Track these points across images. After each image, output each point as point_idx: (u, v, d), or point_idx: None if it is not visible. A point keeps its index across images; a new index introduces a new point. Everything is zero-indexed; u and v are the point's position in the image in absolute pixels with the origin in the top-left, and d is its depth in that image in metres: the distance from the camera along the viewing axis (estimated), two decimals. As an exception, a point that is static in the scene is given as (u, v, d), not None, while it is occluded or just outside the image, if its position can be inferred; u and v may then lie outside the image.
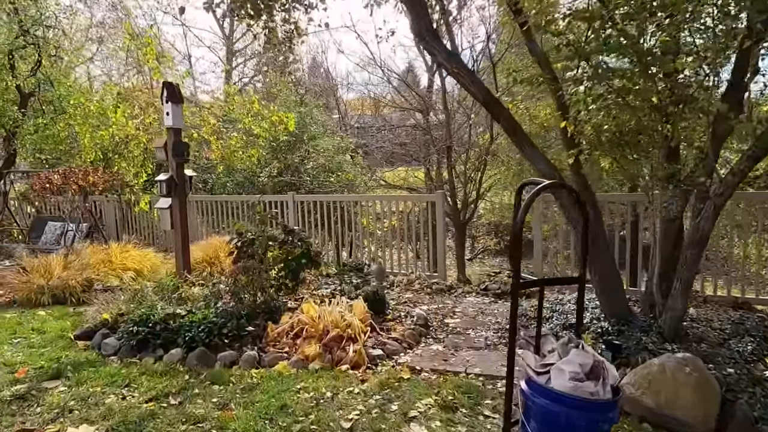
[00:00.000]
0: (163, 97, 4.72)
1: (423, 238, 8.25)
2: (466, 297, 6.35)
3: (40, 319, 4.77)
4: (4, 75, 9.43)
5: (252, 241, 4.96)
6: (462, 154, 11.38)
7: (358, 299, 4.51)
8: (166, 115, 4.74)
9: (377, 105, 21.50)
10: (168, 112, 4.72)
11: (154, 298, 4.32)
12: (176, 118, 4.77)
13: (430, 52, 3.66)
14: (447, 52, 3.59)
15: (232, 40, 23.72)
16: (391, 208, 8.29)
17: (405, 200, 8.33)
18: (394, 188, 15.29)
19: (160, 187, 4.77)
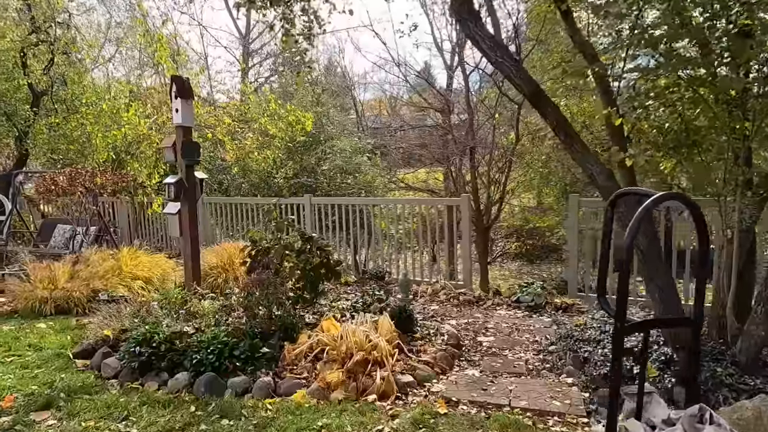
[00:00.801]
0: (172, 93, 4.33)
1: (447, 244, 7.79)
2: (497, 310, 5.87)
3: (39, 332, 4.42)
4: (16, 73, 9.19)
5: (267, 249, 4.54)
6: (485, 155, 10.89)
7: (383, 316, 4.05)
8: (174, 111, 4.35)
9: (393, 105, 21.09)
10: (177, 108, 4.33)
11: (159, 313, 3.92)
12: (186, 116, 4.38)
13: (471, 38, 3.21)
14: (491, 38, 3.14)
15: (249, 39, 23.51)
16: (413, 212, 7.82)
17: (428, 204, 7.86)
18: (414, 190, 14.83)
19: (168, 190, 4.38)
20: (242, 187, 12.74)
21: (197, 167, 4.57)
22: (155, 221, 9.37)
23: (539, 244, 15.24)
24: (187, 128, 4.47)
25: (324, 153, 13.61)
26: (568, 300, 5.88)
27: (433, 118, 17.04)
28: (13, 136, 9.82)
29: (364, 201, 8.50)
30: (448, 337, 4.39)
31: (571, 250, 6.35)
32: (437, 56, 19.42)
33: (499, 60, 3.16)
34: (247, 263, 4.57)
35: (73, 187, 5.94)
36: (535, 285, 6.25)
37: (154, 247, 8.81)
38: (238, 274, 6.34)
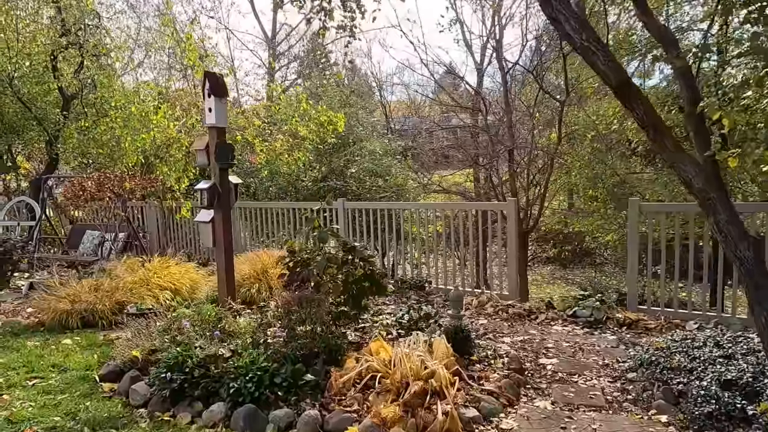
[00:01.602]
0: (205, 90, 3.98)
1: (475, 250, 7.29)
2: (552, 325, 5.36)
3: (64, 350, 4.11)
4: (47, 77, 9.08)
5: (307, 261, 4.14)
6: (524, 156, 10.33)
7: (440, 338, 3.60)
8: (207, 111, 4.00)
9: (419, 106, 20.62)
10: (210, 107, 3.97)
11: (191, 333, 3.56)
12: (220, 115, 4.02)
13: (553, 19, 2.75)
14: (576, 18, 2.67)
15: (275, 42, 23.40)
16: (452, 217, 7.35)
17: (472, 208, 7.34)
18: (445, 193, 14.33)
19: (200, 196, 4.03)
20: (269, 190, 12.47)
21: (231, 171, 4.21)
22: (184, 225, 9.12)
23: (577, 248, 14.57)
24: (221, 129, 4.11)
25: (353, 155, 13.24)
26: (632, 315, 5.32)
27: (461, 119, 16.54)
28: (44, 140, 9.73)
29: (401, 206, 8.07)
30: (509, 360, 3.91)
31: (630, 259, 5.79)
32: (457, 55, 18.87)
33: (584, 44, 2.69)
34: (285, 275, 4.18)
35: (101, 193, 5.67)
36: (593, 297, 5.71)
37: (183, 252, 8.56)
38: (273, 284, 5.98)
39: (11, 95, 8.59)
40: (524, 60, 10.28)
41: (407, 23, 28.99)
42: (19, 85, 8.69)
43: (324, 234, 3.83)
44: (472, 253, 7.16)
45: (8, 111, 9.08)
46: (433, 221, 7.21)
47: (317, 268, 3.74)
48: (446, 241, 7.41)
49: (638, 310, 5.53)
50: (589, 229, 13.01)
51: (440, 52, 21.09)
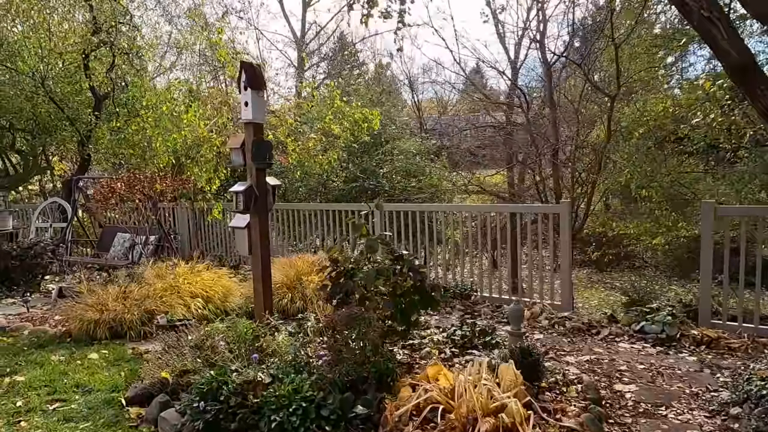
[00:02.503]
0: (241, 83, 3.60)
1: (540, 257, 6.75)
2: (618, 342, 4.81)
3: (90, 366, 3.80)
4: (79, 76, 8.95)
5: (351, 272, 3.72)
6: (569, 155, 9.71)
7: (508, 363, 3.11)
8: (243, 105, 3.62)
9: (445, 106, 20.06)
10: (247, 101, 3.59)
11: (226, 353, 3.18)
12: (257, 110, 3.63)
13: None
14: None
15: (304, 42, 23.21)
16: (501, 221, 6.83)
17: (521, 211, 6.73)
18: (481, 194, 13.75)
19: (235, 199, 3.65)
20: (299, 191, 12.15)
21: (269, 171, 3.83)
22: (214, 227, 8.87)
23: (621, 252, 13.81)
24: (258, 125, 3.72)
25: (386, 154, 12.82)
26: (710, 332, 4.72)
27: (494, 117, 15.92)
28: (76, 141, 9.63)
29: (444, 208, 7.56)
30: (584, 388, 3.40)
31: (703, 268, 5.19)
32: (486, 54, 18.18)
33: (703, 14, 2.19)
34: (327, 287, 3.76)
35: (131, 194, 5.39)
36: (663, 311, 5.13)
37: (212, 255, 8.29)
38: (308, 293, 5.60)
39: (44, 95, 8.49)
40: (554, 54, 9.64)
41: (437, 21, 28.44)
42: (52, 85, 8.58)
43: (374, 242, 3.40)
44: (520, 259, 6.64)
45: (41, 111, 8.99)
46: (477, 224, 6.72)
47: (365, 280, 3.32)
48: (491, 245, 6.90)
49: (712, 325, 4.94)
50: (635, 232, 12.27)
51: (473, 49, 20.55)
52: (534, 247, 6.48)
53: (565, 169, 9.62)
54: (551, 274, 6.73)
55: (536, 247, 6.43)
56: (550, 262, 6.70)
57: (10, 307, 6.19)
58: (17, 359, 3.96)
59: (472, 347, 4.08)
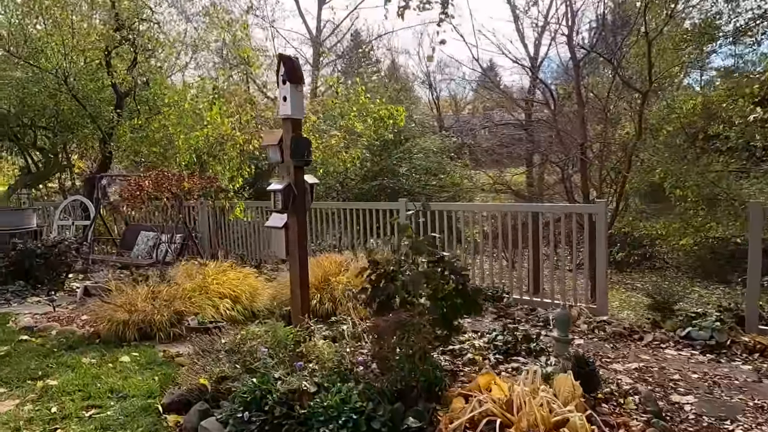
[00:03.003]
0: (279, 76, 3.46)
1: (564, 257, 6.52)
2: (664, 349, 4.60)
3: (122, 369, 3.68)
4: (101, 73, 8.90)
5: (392, 274, 3.56)
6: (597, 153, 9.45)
7: (566, 374, 2.93)
8: (282, 100, 3.47)
9: (459, 104, 19.83)
10: (285, 95, 3.45)
11: (266, 358, 3.03)
12: (296, 105, 3.49)
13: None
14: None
15: (320, 40, 23.10)
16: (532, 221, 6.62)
17: (555, 212, 6.50)
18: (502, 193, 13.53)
19: (273, 198, 3.51)
20: (317, 189, 12.01)
21: (307, 169, 3.68)
22: (235, 224, 8.78)
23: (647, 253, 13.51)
24: (296, 121, 3.58)
25: (405, 152, 12.64)
26: (763, 339, 4.49)
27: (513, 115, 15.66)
28: (98, 138, 9.59)
29: (474, 207, 7.35)
30: (643, 400, 3.21)
31: (751, 271, 4.95)
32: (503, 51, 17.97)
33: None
34: (367, 290, 3.61)
35: (160, 192, 5.29)
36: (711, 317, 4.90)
37: (234, 254, 8.19)
38: (336, 294, 5.44)
39: (66, 92, 8.44)
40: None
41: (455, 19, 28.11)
42: (74, 83, 8.54)
43: (420, 244, 3.23)
44: (552, 260, 6.43)
45: (63, 109, 8.96)
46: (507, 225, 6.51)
47: (411, 284, 3.15)
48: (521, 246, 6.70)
49: (760, 331, 4.71)
50: (663, 233, 11.97)
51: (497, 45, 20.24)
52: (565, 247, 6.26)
53: (592, 167, 9.36)
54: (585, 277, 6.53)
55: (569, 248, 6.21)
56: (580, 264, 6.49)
57: (36, 306, 6.13)
58: (48, 361, 3.86)
59: (516, 354, 3.90)
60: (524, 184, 14.50)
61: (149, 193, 5.30)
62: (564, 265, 6.65)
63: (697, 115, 10.44)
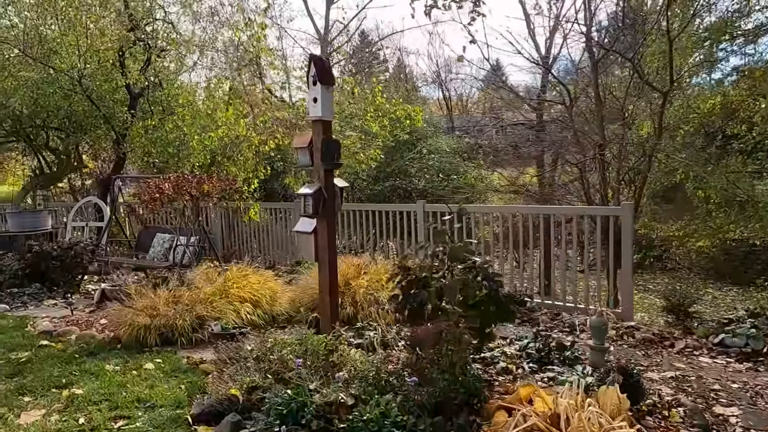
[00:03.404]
0: (310, 77, 3.36)
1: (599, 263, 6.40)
2: (698, 356, 4.47)
3: (147, 377, 3.60)
4: (115, 73, 8.84)
5: (425, 280, 3.45)
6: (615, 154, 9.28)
7: (613, 386, 2.82)
8: (312, 102, 3.38)
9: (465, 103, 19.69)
10: (316, 97, 3.35)
11: (300, 369, 2.94)
12: (326, 106, 3.39)
13: None
14: None
15: (328, 39, 23.04)
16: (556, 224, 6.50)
17: (578, 214, 6.34)
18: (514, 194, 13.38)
19: (303, 203, 3.41)
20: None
21: (337, 172, 3.59)
22: (247, 226, 8.73)
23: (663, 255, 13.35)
24: (327, 122, 3.48)
25: (418, 153, 12.53)
26: (803, 347, 4.35)
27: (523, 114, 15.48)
28: (111, 139, 9.54)
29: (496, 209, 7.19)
30: (688, 412, 3.09)
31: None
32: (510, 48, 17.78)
33: None
34: (398, 298, 3.51)
35: (179, 195, 5.21)
36: (745, 323, 4.77)
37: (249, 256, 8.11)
38: (357, 299, 5.32)
39: (81, 93, 8.39)
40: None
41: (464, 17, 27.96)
42: (89, 83, 8.48)
43: (458, 251, 3.13)
44: (575, 263, 6.30)
45: (78, 110, 8.92)
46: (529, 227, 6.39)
47: (449, 293, 3.04)
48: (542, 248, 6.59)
49: (795, 337, 4.56)
50: (680, 234, 11.82)
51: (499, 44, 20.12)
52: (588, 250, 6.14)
53: (610, 168, 9.21)
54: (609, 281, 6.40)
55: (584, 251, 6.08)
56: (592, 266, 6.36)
57: (53, 309, 6.07)
58: (70, 368, 3.79)
59: (549, 362, 3.78)
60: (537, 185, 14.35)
61: (169, 196, 5.22)
62: (587, 269, 6.53)
63: (715, 114, 10.27)
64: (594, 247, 9.30)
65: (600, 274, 8.82)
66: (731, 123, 9.80)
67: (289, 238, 8.47)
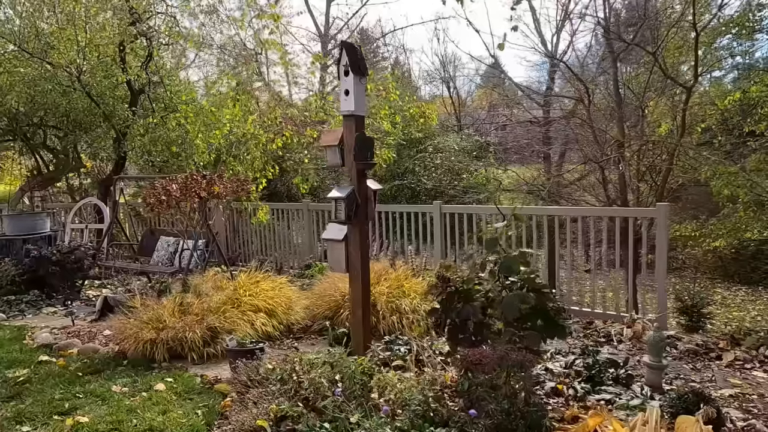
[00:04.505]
0: (341, 67, 3.01)
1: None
2: (750, 370, 4.15)
3: (158, 401, 3.24)
4: (115, 69, 8.46)
5: (468, 293, 3.11)
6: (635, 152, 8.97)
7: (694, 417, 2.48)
8: (344, 94, 3.03)
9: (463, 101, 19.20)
10: (348, 89, 3.00)
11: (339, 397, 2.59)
12: (359, 101, 3.04)
13: None
14: None
15: (328, 36, 22.66)
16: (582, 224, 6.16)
17: (609, 215, 5.99)
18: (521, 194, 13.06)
19: (335, 208, 3.06)
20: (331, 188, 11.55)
21: (369, 173, 3.23)
22: (250, 227, 8.40)
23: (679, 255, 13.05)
24: (360, 118, 3.13)
25: (424, 151, 12.18)
26: None
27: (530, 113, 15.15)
28: (111, 138, 9.16)
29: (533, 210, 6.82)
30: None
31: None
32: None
33: None
34: (438, 311, 3.16)
35: (189, 197, 4.86)
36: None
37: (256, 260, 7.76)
38: (380, 307, 4.95)
39: (80, 89, 8.01)
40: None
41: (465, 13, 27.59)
42: (88, 79, 8.10)
43: (512, 261, 2.78)
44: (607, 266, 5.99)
45: (76, 107, 8.54)
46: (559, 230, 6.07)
47: (506, 310, 2.70)
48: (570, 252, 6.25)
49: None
50: (694, 234, 11.52)
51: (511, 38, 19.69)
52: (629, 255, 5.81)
53: (631, 167, 8.90)
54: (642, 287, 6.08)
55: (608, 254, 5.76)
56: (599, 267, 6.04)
57: (53, 318, 5.72)
58: (74, 389, 3.43)
59: (601, 382, 3.44)
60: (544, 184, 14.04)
61: (177, 199, 4.87)
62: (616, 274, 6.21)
63: (734, 111, 9.97)
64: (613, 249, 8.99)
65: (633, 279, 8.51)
66: (749, 120, 9.51)
67: (294, 240, 8.14)
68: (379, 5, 29.78)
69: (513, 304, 2.75)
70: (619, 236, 5.94)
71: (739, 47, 10.92)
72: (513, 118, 14.04)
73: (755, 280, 12.03)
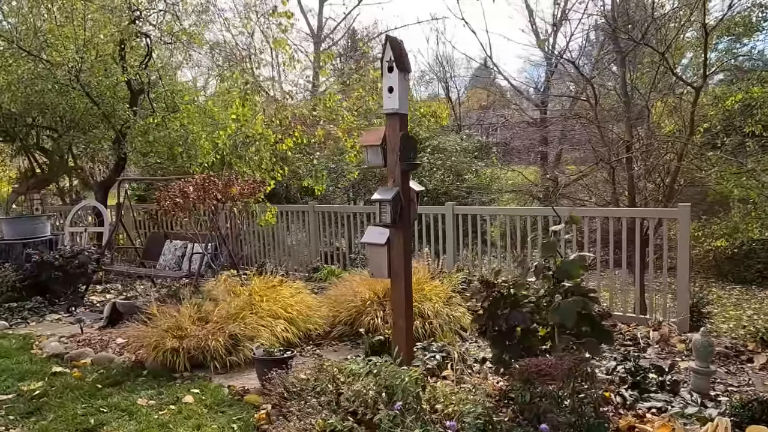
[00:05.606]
0: (384, 63, 2.87)
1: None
2: (783, 373, 4.08)
3: (189, 414, 3.07)
4: (115, 68, 8.21)
5: (515, 299, 2.99)
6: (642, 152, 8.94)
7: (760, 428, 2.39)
8: (387, 92, 2.89)
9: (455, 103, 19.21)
10: (392, 86, 2.86)
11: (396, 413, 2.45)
12: (403, 98, 2.90)
13: None
14: None
15: (321, 37, 22.49)
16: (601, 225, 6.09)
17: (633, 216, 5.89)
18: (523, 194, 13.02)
19: (379, 210, 2.91)
20: (336, 191, 11.41)
21: (413, 175, 3.09)
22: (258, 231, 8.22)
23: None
24: (404, 116, 2.99)
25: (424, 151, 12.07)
26: None
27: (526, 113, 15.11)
28: (110, 139, 8.91)
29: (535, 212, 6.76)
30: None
31: None
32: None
33: None
34: (483, 316, 3.04)
35: (207, 199, 4.68)
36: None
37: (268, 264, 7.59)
38: (381, 315, 4.78)
39: (78, 89, 7.76)
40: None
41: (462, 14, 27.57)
42: (87, 78, 7.85)
43: (571, 265, 2.66)
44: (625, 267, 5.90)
45: (74, 106, 8.29)
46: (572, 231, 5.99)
47: (564, 316, 2.58)
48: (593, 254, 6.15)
49: None
50: (696, 235, 11.57)
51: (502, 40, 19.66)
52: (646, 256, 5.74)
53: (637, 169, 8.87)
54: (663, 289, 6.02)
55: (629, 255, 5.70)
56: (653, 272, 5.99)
57: (58, 325, 5.50)
58: (96, 403, 3.25)
59: (646, 389, 3.34)
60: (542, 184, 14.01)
61: (193, 201, 4.68)
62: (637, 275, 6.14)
63: (734, 112, 10.02)
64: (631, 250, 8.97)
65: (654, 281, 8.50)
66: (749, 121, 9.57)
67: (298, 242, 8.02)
68: (372, 5, 29.65)
69: (571, 310, 2.63)
70: (639, 237, 5.89)
71: (741, 48, 11.01)
72: (512, 119, 13.97)
73: (749, 279, 12.11)
